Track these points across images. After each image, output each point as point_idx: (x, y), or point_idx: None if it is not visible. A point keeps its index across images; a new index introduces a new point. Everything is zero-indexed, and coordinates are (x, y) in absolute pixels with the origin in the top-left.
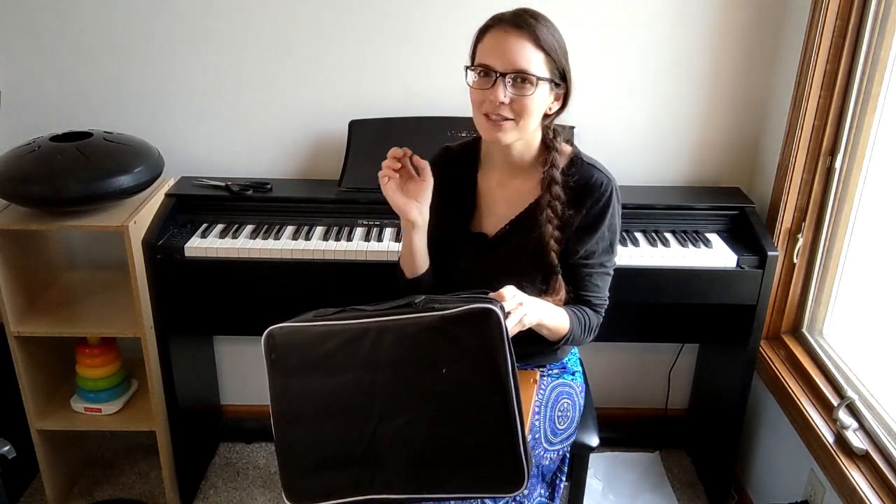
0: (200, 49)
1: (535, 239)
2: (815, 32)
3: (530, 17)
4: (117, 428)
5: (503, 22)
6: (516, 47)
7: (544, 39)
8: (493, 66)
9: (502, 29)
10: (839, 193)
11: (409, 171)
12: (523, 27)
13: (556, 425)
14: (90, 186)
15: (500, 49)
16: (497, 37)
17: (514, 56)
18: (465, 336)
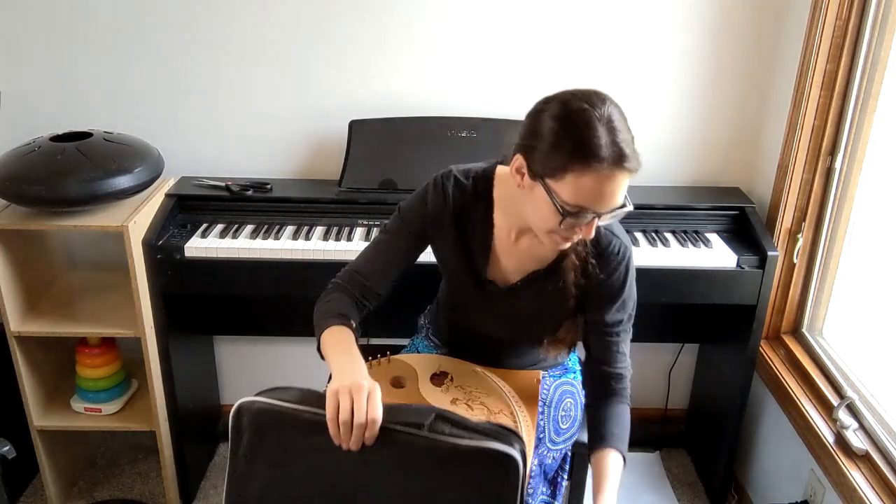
0: (201, 49)
1: (554, 286)
2: (815, 32)
3: (626, 142)
4: (117, 428)
5: (603, 162)
6: (620, 187)
7: (639, 160)
8: (591, 207)
9: (604, 172)
10: (839, 193)
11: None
12: (625, 163)
13: (559, 425)
14: (90, 186)
15: (606, 193)
16: (601, 180)
17: (617, 199)
18: (476, 476)
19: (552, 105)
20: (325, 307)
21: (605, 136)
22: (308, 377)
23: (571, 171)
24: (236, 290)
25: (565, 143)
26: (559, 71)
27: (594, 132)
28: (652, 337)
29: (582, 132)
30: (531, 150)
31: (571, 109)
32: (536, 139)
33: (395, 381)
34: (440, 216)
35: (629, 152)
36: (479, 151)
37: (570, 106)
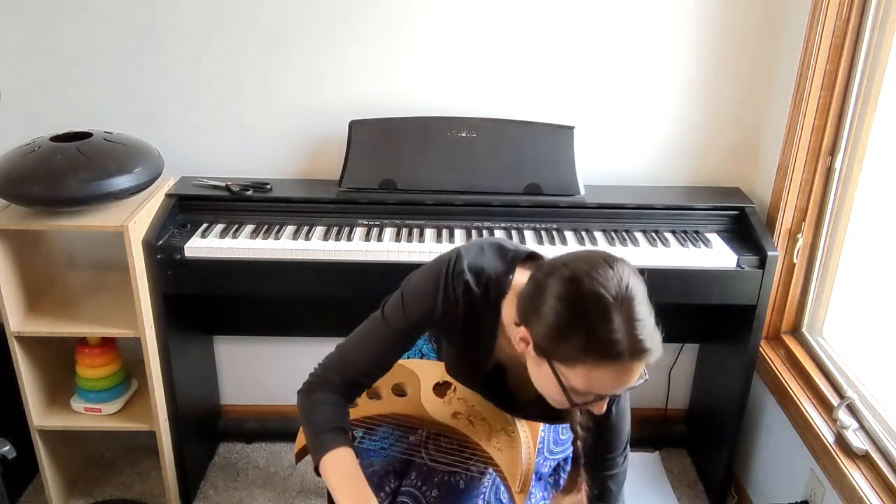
0: (201, 49)
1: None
2: (815, 32)
3: (645, 334)
4: (117, 428)
5: (623, 356)
6: (637, 375)
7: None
8: (607, 395)
9: (623, 366)
10: (839, 193)
11: None
12: (643, 355)
13: (559, 436)
14: (90, 186)
15: (621, 383)
16: (616, 373)
17: (635, 378)
18: None
19: (556, 281)
20: (316, 415)
21: (622, 329)
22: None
23: (583, 364)
24: (236, 290)
25: (576, 335)
26: (559, 71)
27: (609, 325)
28: None
29: (595, 325)
30: (535, 327)
31: (581, 293)
32: (540, 317)
33: (397, 388)
34: (447, 319)
35: (651, 345)
36: (479, 151)
37: (580, 288)
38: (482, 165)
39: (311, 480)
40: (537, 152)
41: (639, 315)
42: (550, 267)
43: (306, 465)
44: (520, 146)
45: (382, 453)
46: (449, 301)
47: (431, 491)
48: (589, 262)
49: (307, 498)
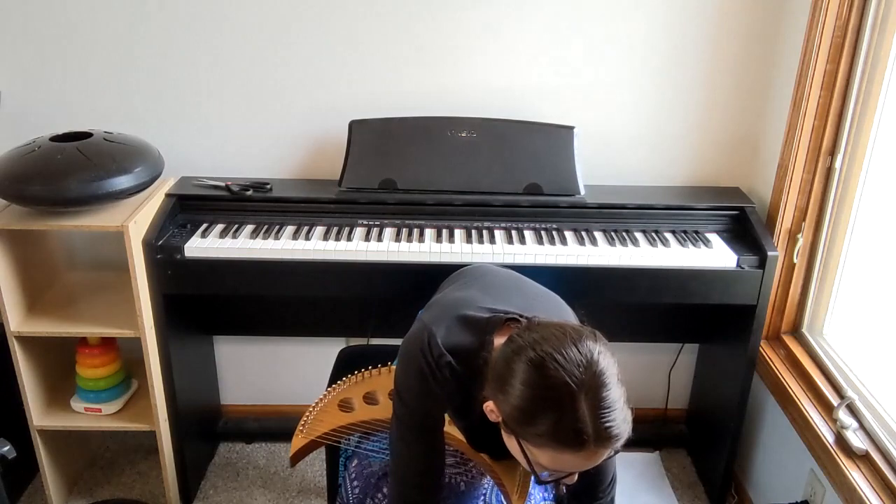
0: (200, 49)
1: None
2: (815, 32)
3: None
4: (117, 428)
5: (589, 444)
6: (605, 455)
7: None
8: (576, 471)
9: (588, 452)
10: (839, 193)
11: None
12: (611, 441)
13: None
14: (90, 186)
15: (588, 464)
16: (582, 457)
17: (601, 459)
18: None
19: (523, 363)
20: None
21: (587, 417)
22: (307, 377)
23: (550, 448)
24: (236, 290)
25: (541, 421)
26: (559, 71)
27: (575, 413)
28: (652, 337)
29: (561, 414)
30: (503, 404)
31: (547, 380)
32: (508, 396)
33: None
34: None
35: (617, 431)
36: (479, 151)
37: (546, 374)
38: (482, 165)
39: (311, 480)
40: (537, 152)
41: (606, 401)
42: (518, 346)
43: (307, 465)
44: (520, 146)
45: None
46: (440, 382)
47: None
48: (557, 342)
49: (307, 498)
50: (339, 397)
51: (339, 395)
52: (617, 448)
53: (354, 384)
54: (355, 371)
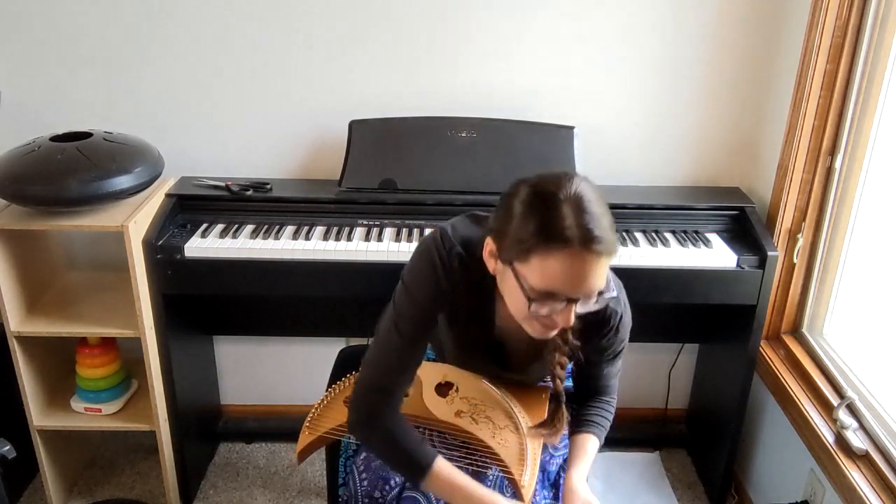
0: (201, 49)
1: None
2: (815, 32)
3: (594, 222)
4: (117, 428)
5: (572, 243)
6: (592, 273)
7: (614, 241)
8: (562, 292)
9: (572, 253)
10: (839, 193)
11: None
12: (596, 249)
13: None
14: (90, 186)
15: (574, 277)
16: (568, 263)
17: (590, 282)
18: None
19: (521, 188)
20: (396, 441)
21: (570, 216)
22: (307, 377)
23: (536, 254)
24: (236, 290)
25: (530, 225)
26: (559, 71)
27: (559, 212)
28: (652, 337)
29: (546, 212)
30: (501, 235)
31: (538, 191)
32: (505, 223)
33: None
34: (452, 291)
35: (598, 233)
36: (479, 151)
37: (538, 188)
38: (482, 165)
39: (311, 480)
40: (537, 152)
41: (589, 211)
42: (520, 180)
43: (307, 465)
44: (520, 146)
45: None
46: (449, 273)
47: None
48: (552, 173)
49: (307, 498)
50: (345, 394)
51: (344, 392)
52: (600, 251)
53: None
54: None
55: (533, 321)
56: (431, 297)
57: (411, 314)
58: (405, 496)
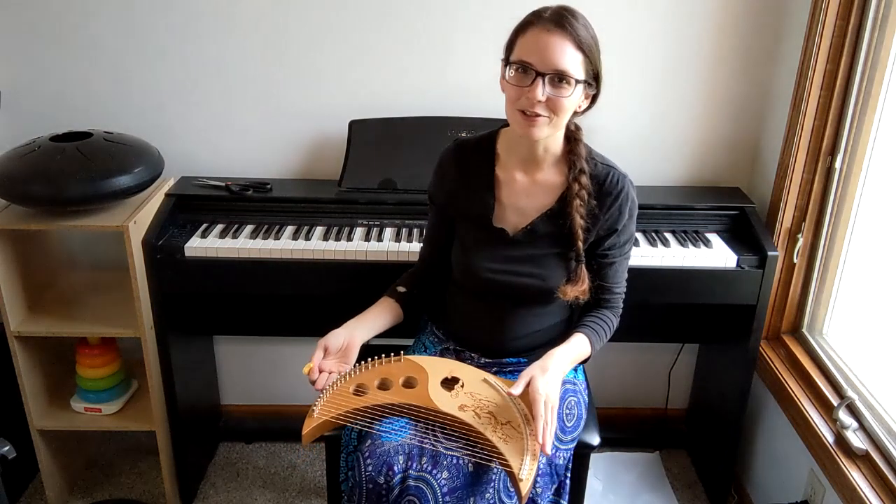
0: (201, 50)
1: (564, 229)
2: (815, 32)
3: (571, 16)
4: (117, 428)
5: (544, 20)
6: (558, 47)
7: (584, 40)
8: (532, 64)
9: (543, 27)
10: (839, 193)
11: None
12: (565, 27)
13: (564, 423)
14: (90, 186)
15: (541, 48)
16: (538, 35)
17: (555, 56)
18: None
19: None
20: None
21: (552, 8)
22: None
23: (521, 36)
24: (236, 290)
25: (522, 20)
26: None
27: (544, 8)
28: (652, 337)
29: (535, 10)
30: (505, 50)
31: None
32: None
33: (407, 382)
34: (449, 182)
35: (571, 20)
36: None
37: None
38: None
39: (311, 480)
40: None
41: (572, 12)
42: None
43: (307, 465)
44: None
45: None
46: (448, 165)
47: (441, 473)
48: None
49: (307, 498)
50: (354, 382)
51: (353, 381)
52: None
53: (369, 371)
54: (369, 358)
55: (515, 111)
56: (436, 188)
57: (429, 197)
58: (410, 485)
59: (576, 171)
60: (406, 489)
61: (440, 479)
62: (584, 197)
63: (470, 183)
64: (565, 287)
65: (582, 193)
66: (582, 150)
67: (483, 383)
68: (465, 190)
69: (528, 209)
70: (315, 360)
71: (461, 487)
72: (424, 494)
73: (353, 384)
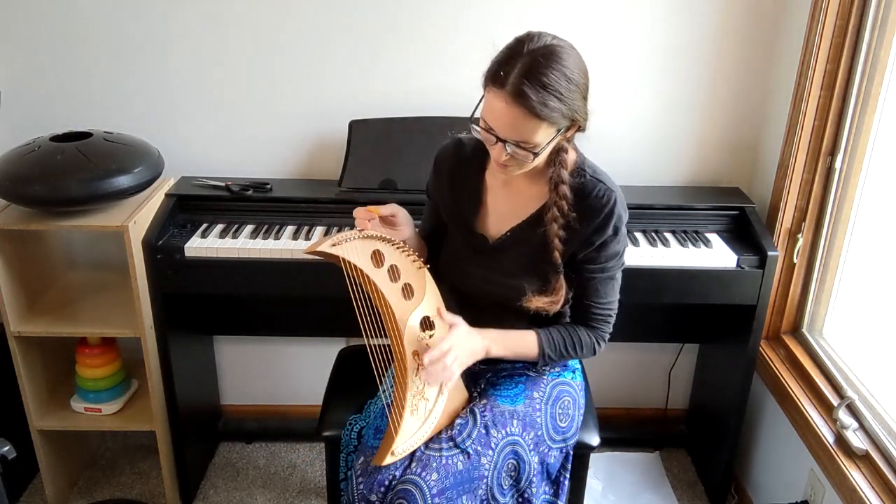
0: (201, 49)
1: (539, 238)
2: (815, 32)
3: (535, 84)
4: (117, 428)
5: (507, 87)
6: (517, 121)
7: (546, 111)
8: (494, 129)
9: (504, 97)
10: (839, 193)
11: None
12: (526, 100)
13: (557, 422)
14: (90, 186)
15: (499, 117)
16: (498, 103)
17: (514, 129)
18: None
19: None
20: None
21: (518, 69)
22: (308, 377)
23: (487, 90)
24: (236, 290)
25: (493, 62)
26: None
27: (513, 61)
28: (652, 337)
29: (504, 56)
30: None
31: (518, 36)
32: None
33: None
34: (442, 178)
35: (531, 94)
36: None
37: (521, 35)
38: None
39: (311, 480)
40: None
41: (539, 71)
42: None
43: (307, 465)
44: None
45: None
46: (444, 160)
47: (430, 475)
48: (544, 33)
49: (307, 498)
50: (376, 246)
51: (377, 244)
52: (526, 107)
53: (395, 250)
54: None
55: (491, 153)
56: (431, 180)
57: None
58: (398, 489)
59: (553, 182)
60: (395, 494)
61: (429, 481)
62: (564, 208)
63: (459, 185)
64: (533, 296)
65: (561, 204)
66: (568, 160)
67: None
68: (454, 192)
69: (510, 217)
70: (378, 209)
71: (451, 487)
72: (412, 496)
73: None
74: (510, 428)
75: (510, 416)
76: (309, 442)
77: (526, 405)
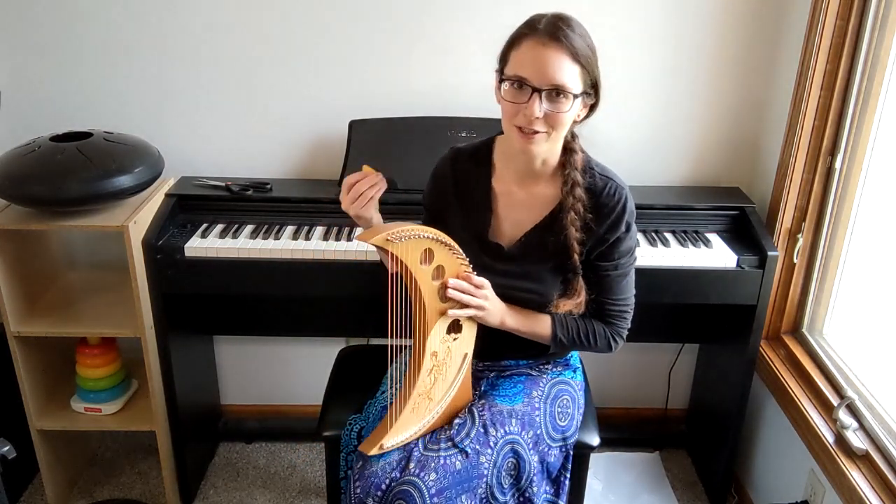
0: (201, 49)
1: (558, 242)
2: (815, 32)
3: (566, 27)
4: (117, 428)
5: (539, 32)
6: (554, 61)
7: (581, 52)
8: (528, 79)
9: (538, 40)
10: (839, 193)
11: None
12: (561, 39)
13: (556, 421)
14: (90, 186)
15: (536, 62)
16: (533, 48)
17: (552, 71)
18: None
19: None
20: None
21: (546, 18)
22: (308, 377)
23: (515, 49)
24: (236, 290)
25: (515, 32)
26: None
27: (537, 16)
28: (652, 337)
29: (527, 20)
30: (500, 61)
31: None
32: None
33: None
34: (445, 192)
35: (567, 32)
36: None
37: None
38: None
39: (311, 480)
40: None
41: (568, 22)
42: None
43: (307, 465)
44: None
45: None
46: (444, 177)
47: (429, 476)
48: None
49: (307, 498)
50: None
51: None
52: (564, 44)
53: (444, 249)
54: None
55: (512, 127)
56: (429, 196)
57: (424, 205)
58: (396, 490)
59: (569, 185)
60: (394, 495)
61: (427, 482)
62: (580, 210)
63: (466, 197)
64: (559, 300)
65: (577, 206)
66: (578, 160)
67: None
68: (462, 204)
69: (524, 222)
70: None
71: (450, 487)
72: (411, 497)
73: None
74: (509, 427)
75: (509, 415)
76: (309, 442)
77: (525, 404)
